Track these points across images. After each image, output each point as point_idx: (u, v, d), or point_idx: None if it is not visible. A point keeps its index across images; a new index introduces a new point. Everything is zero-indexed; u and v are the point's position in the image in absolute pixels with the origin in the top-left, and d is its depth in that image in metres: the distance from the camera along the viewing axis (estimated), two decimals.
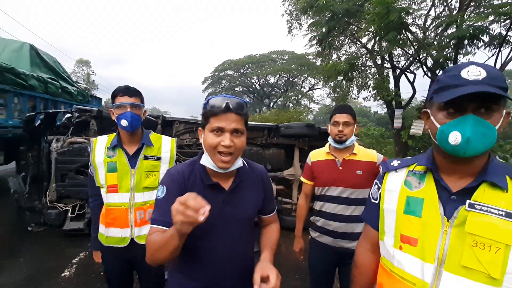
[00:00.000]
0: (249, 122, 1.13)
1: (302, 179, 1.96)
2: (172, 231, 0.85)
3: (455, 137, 0.71)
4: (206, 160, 1.06)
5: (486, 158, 0.78)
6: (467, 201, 0.74)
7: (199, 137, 1.11)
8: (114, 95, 1.59)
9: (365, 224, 1.05)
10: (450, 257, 0.74)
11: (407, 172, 0.90)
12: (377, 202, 0.97)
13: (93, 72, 41.19)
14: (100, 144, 1.65)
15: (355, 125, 1.77)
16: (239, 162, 1.09)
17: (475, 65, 0.72)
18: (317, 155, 1.89)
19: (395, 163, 0.95)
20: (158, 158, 1.67)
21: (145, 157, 1.64)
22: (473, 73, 0.71)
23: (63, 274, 3.01)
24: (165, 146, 1.72)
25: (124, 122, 1.54)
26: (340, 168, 1.76)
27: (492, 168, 0.76)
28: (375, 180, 1.01)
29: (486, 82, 0.69)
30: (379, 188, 0.97)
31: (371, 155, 1.77)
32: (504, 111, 0.73)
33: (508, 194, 0.72)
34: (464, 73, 0.72)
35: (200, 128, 1.10)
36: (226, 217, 1.06)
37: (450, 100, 0.71)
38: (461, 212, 0.74)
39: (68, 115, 3.98)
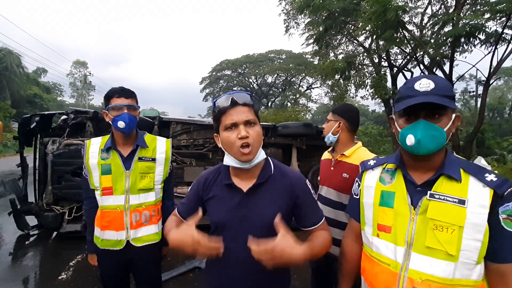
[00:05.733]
0: None
1: None
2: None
3: (410, 139, 0.85)
4: (228, 159, 1.06)
5: (444, 155, 0.91)
6: (428, 192, 0.87)
7: (216, 143, 1.09)
8: (109, 96, 1.56)
9: (349, 217, 1.18)
10: (417, 240, 0.87)
11: (382, 170, 1.03)
12: (357, 197, 1.10)
13: (90, 73, 41.07)
14: (94, 146, 1.63)
15: (338, 122, 1.67)
16: (262, 155, 1.07)
17: (425, 78, 0.86)
18: (325, 153, 1.90)
19: (372, 162, 1.09)
20: (153, 160, 1.65)
21: (140, 158, 1.61)
22: (423, 85, 0.84)
23: (60, 277, 2.98)
24: (160, 147, 1.70)
25: (121, 124, 1.52)
26: (332, 168, 1.71)
27: (448, 163, 0.88)
28: (356, 178, 1.14)
29: (434, 93, 0.82)
30: (359, 185, 1.10)
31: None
32: (454, 115, 0.86)
33: (461, 184, 0.85)
34: (417, 85, 0.85)
35: (215, 134, 1.10)
36: (240, 219, 1.04)
37: (406, 108, 0.85)
38: (424, 201, 0.87)
39: (64, 116, 3.94)
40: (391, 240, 0.92)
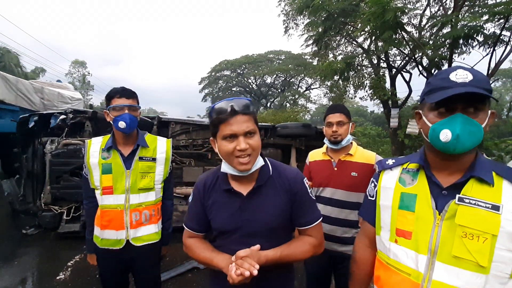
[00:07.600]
0: None
1: None
2: (219, 265, 0.99)
3: (445, 135, 0.76)
4: (226, 167, 1.05)
5: (474, 155, 0.83)
6: (457, 195, 0.79)
7: (213, 147, 1.06)
8: (111, 96, 1.56)
9: (362, 220, 1.09)
10: (442, 248, 0.79)
11: (401, 170, 0.95)
12: (373, 199, 1.02)
13: (88, 73, 40.90)
14: (94, 146, 1.63)
15: (350, 123, 1.70)
16: (260, 162, 1.05)
17: (462, 69, 0.79)
18: (315, 155, 1.85)
19: (390, 161, 1.00)
20: (154, 159, 1.66)
21: (140, 158, 1.62)
22: (460, 76, 0.77)
23: (58, 277, 2.97)
24: (161, 147, 1.70)
25: (122, 124, 1.52)
26: (335, 169, 1.70)
27: (479, 164, 0.81)
28: (372, 179, 1.06)
29: (473, 84, 0.75)
30: (375, 186, 1.02)
31: (369, 157, 1.67)
32: (490, 111, 0.78)
33: (494, 188, 0.77)
34: (453, 76, 0.78)
35: (211, 138, 1.06)
36: (243, 223, 1.04)
37: (441, 101, 0.77)
38: (451, 205, 0.79)
39: (62, 116, 3.93)
40: (411, 247, 0.85)
